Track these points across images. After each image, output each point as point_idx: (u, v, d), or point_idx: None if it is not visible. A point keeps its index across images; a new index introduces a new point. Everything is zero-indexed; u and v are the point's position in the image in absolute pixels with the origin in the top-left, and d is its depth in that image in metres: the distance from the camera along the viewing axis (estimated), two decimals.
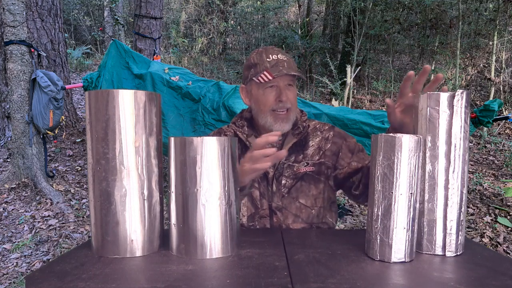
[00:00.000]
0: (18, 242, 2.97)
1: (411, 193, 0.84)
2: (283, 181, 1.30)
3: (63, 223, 3.26)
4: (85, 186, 3.95)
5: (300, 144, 1.34)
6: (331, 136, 1.36)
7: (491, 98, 5.53)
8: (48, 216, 3.35)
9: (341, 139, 1.37)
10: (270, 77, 1.24)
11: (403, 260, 0.85)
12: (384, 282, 0.75)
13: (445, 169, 0.89)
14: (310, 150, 1.34)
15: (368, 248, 0.89)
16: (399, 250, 0.85)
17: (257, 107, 1.32)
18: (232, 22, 9.91)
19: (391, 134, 0.84)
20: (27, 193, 3.61)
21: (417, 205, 0.86)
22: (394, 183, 0.83)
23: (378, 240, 0.86)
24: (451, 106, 0.88)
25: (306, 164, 1.32)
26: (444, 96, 0.89)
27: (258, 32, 9.51)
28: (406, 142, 0.83)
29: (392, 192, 0.84)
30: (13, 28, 3.47)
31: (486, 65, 6.95)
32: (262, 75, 1.25)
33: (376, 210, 0.86)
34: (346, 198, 3.87)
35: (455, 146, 0.88)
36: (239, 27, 9.85)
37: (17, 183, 3.68)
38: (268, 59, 1.28)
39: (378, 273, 0.79)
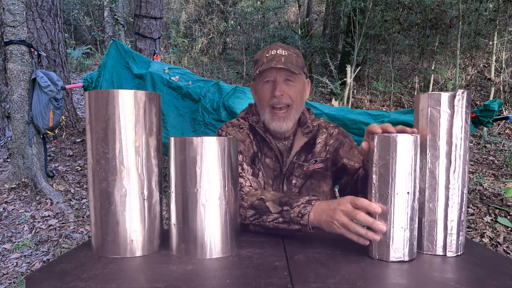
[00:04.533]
0: (18, 242, 2.97)
1: (408, 193, 0.84)
2: (294, 181, 1.31)
3: (63, 223, 3.25)
4: (85, 186, 3.95)
5: (308, 142, 1.34)
6: (335, 133, 1.38)
7: (491, 98, 5.52)
8: (48, 216, 3.35)
9: (345, 138, 1.38)
10: (257, 72, 1.26)
11: (402, 259, 0.85)
12: (384, 282, 0.75)
13: (446, 169, 0.89)
14: (318, 147, 1.35)
15: (368, 247, 0.89)
16: (397, 250, 0.85)
17: (258, 103, 1.34)
18: (232, 22, 9.91)
19: (386, 134, 0.84)
20: (27, 193, 3.61)
21: (416, 205, 0.86)
22: (390, 182, 0.83)
23: None
24: (452, 106, 0.88)
25: (314, 161, 1.33)
26: (445, 96, 0.88)
27: (258, 32, 9.51)
28: (402, 141, 0.82)
29: (388, 192, 0.84)
30: (13, 28, 3.47)
31: (486, 65, 6.95)
32: (257, 70, 1.27)
33: None
34: None
35: (456, 146, 0.88)
36: (239, 27, 9.85)
37: (17, 183, 3.68)
38: (267, 55, 1.28)
39: (378, 273, 0.79)
